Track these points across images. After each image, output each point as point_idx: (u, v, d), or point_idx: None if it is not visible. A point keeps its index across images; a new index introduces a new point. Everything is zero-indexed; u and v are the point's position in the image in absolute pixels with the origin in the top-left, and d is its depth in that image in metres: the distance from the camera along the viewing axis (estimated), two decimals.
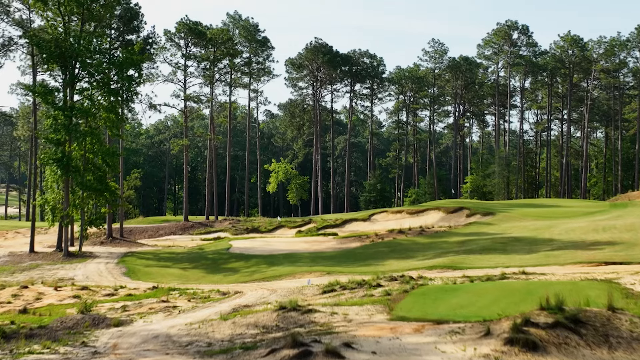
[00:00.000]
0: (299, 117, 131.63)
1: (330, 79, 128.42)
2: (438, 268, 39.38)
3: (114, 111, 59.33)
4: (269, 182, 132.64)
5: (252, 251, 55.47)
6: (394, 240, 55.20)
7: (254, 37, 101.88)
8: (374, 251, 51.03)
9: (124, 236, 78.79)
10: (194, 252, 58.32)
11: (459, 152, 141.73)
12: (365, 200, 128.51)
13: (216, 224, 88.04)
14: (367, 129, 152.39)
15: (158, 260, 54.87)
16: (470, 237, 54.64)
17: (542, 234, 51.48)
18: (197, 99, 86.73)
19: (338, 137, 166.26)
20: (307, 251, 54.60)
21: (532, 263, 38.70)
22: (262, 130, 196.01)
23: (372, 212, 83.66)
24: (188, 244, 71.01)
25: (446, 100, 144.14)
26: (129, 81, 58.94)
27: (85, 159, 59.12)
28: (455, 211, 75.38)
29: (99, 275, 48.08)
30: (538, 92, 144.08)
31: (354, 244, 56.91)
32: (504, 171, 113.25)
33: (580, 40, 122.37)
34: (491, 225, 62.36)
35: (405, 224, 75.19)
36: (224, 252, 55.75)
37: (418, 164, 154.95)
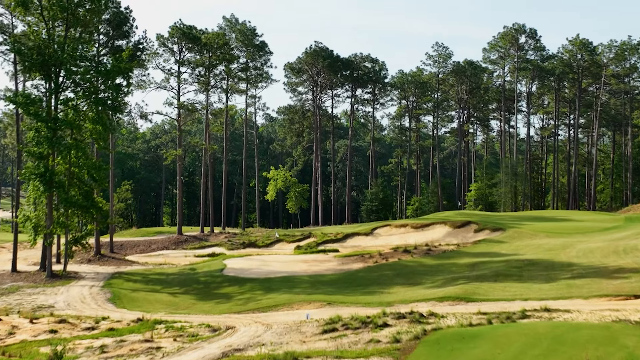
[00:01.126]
0: (298, 124, 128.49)
1: (330, 83, 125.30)
2: (449, 300, 36.26)
3: (101, 122, 56.13)
4: (268, 191, 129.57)
5: (247, 273, 52.30)
6: (400, 262, 52.03)
7: (251, 41, 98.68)
8: (378, 275, 47.88)
9: (114, 251, 75.76)
10: (185, 273, 55.16)
11: (463, 158, 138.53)
12: (367, 210, 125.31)
13: (211, 237, 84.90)
14: (368, 133, 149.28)
15: (146, 283, 51.73)
16: (480, 258, 51.52)
17: (559, 256, 48.34)
18: (192, 107, 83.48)
19: (339, 140, 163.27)
20: (306, 273, 51.47)
21: (553, 295, 35.57)
22: (261, 134, 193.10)
23: (375, 225, 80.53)
24: (180, 261, 67.90)
25: (450, 105, 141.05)
26: (116, 90, 55.80)
27: (70, 174, 56.06)
28: (462, 226, 72.37)
29: (81, 302, 44.97)
30: (544, 96, 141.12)
31: (357, 265, 53.77)
32: (511, 180, 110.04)
33: (590, 44, 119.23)
34: (502, 243, 59.26)
35: (409, 240, 72.23)
36: (217, 274, 52.59)
37: (421, 170, 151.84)
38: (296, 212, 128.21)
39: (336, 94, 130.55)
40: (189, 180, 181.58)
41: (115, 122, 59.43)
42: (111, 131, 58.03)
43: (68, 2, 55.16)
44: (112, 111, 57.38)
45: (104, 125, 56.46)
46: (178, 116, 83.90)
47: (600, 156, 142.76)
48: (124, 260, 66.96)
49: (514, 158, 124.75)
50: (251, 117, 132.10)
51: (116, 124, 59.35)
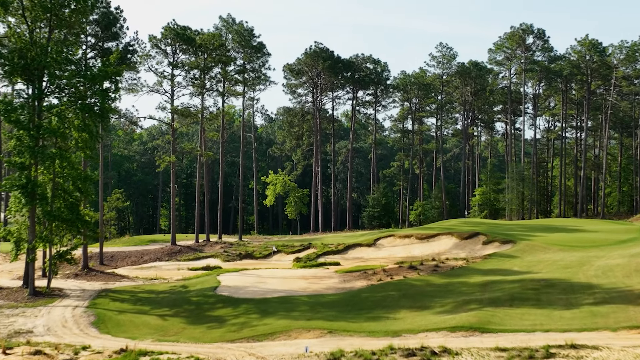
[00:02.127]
0: (297, 127, 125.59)
1: (331, 85, 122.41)
2: (462, 330, 33.28)
3: (87, 130, 53.08)
4: (267, 195, 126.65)
5: (242, 293, 49.27)
6: (405, 281, 48.98)
7: (249, 42, 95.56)
8: (382, 295, 44.85)
9: (104, 263, 72.89)
10: (176, 291, 52.14)
11: (468, 162, 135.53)
12: (369, 216, 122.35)
13: (206, 247, 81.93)
14: (370, 136, 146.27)
15: (134, 303, 48.70)
16: (492, 276, 48.51)
17: (577, 276, 45.34)
18: (186, 112, 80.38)
19: (339, 142, 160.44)
20: (306, 293, 48.43)
21: (577, 325, 32.60)
22: (260, 135, 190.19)
23: (378, 235, 77.55)
24: (173, 274, 64.92)
25: (454, 107, 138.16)
26: (103, 96, 52.74)
27: (54, 185, 53.07)
28: (469, 237, 69.44)
29: (62, 327, 41.95)
30: (551, 98, 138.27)
31: (359, 283, 50.75)
32: (518, 186, 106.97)
33: (599, 45, 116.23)
34: (513, 258, 56.24)
35: (414, 251, 69.39)
36: (210, 293, 49.53)
37: (424, 174, 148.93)
38: (295, 217, 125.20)
39: (337, 95, 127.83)
40: (186, 182, 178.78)
41: (102, 130, 56.18)
42: (98, 139, 54.96)
43: (51, 2, 52.17)
44: (99, 118, 54.24)
45: (91, 133, 53.44)
46: (172, 121, 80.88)
47: (607, 159, 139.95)
48: (112, 274, 63.89)
49: (520, 163, 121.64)
50: (249, 119, 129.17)
51: (104, 132, 56.11)
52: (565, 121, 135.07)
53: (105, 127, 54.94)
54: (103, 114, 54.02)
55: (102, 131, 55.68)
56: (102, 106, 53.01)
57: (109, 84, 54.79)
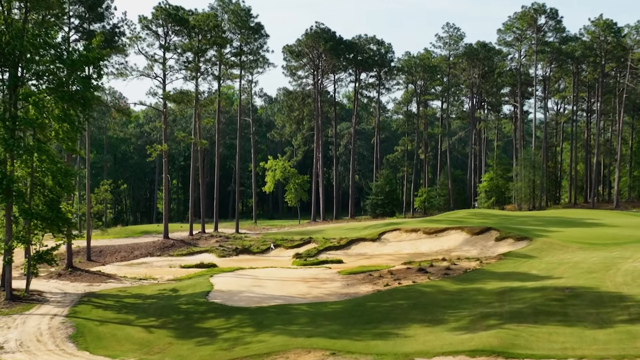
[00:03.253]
0: (298, 111, 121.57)
1: (332, 67, 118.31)
2: (483, 355, 29.47)
3: (68, 120, 49.08)
4: (266, 181, 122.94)
5: (237, 299, 45.46)
6: (415, 287, 45.11)
7: (246, 23, 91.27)
8: (390, 305, 41.02)
9: (91, 259, 69.26)
10: (165, 296, 48.36)
11: (475, 147, 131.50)
12: (372, 204, 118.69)
13: (201, 241, 78.23)
14: (372, 118, 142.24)
15: (119, 310, 44.91)
16: (509, 281, 44.69)
17: (604, 283, 41.52)
18: (179, 97, 76.21)
19: (341, 123, 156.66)
20: (305, 300, 44.64)
21: (615, 351, 28.79)
22: (259, 117, 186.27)
23: (383, 229, 73.81)
24: (164, 272, 61.37)
25: (461, 90, 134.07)
26: (84, 84, 48.66)
27: (32, 181, 49.20)
28: (481, 232, 65.75)
29: (36, 341, 38.21)
30: (561, 81, 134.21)
31: (364, 288, 46.93)
32: (529, 173, 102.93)
33: (614, 25, 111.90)
34: (530, 259, 52.40)
35: (421, 247, 65.78)
36: (201, 299, 45.72)
37: (429, 159, 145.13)
38: (296, 205, 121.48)
39: (339, 78, 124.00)
40: (184, 164, 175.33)
41: (85, 120, 52.09)
42: (80, 130, 50.90)
43: None
44: (81, 107, 50.19)
45: (72, 124, 49.41)
46: (164, 107, 76.86)
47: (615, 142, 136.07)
48: (99, 274, 60.11)
49: (531, 148, 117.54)
50: (247, 103, 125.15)
51: (86, 121, 52.08)
52: (576, 104, 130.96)
53: (87, 116, 50.68)
54: (85, 103, 49.94)
55: (84, 121, 51.54)
56: (83, 94, 48.97)
57: (92, 70, 50.74)
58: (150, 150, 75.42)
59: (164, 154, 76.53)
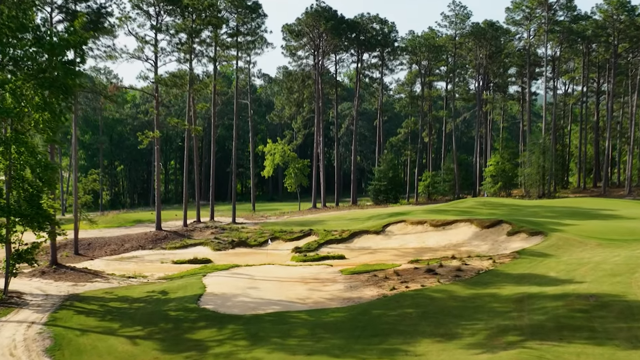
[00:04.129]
0: (297, 93, 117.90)
1: (334, 47, 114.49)
2: None
3: (49, 109, 45.64)
4: (265, 166, 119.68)
5: (230, 305, 42.21)
6: (424, 292, 41.79)
7: (243, 2, 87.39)
8: (398, 314, 37.77)
9: (79, 253, 66.06)
10: (153, 300, 45.12)
11: (481, 130, 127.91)
12: (375, 190, 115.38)
13: (195, 232, 74.99)
14: (375, 100, 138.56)
15: (102, 317, 41.65)
16: (527, 286, 41.44)
17: (631, 289, 38.20)
18: (172, 81, 72.53)
19: (342, 103, 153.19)
20: (305, 306, 41.39)
21: None
22: (258, 97, 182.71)
23: (387, 221, 70.56)
24: (155, 269, 58.25)
25: (467, 71, 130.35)
26: (66, 70, 45.11)
27: (9, 174, 45.85)
28: (491, 226, 62.49)
29: (10, 355, 35.04)
30: (571, 61, 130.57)
31: (369, 292, 43.66)
32: (539, 159, 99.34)
33: (628, 4, 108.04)
34: (547, 258, 49.07)
35: (428, 241, 62.57)
36: (192, 305, 42.46)
37: (433, 143, 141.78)
38: (296, 190, 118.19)
39: (340, 58, 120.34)
40: (182, 145, 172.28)
41: (67, 108, 48.55)
42: (61, 120, 47.37)
43: None
44: (62, 95, 46.67)
45: (53, 113, 45.98)
46: (155, 92, 73.27)
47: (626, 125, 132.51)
48: (85, 272, 56.84)
49: (540, 132, 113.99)
50: (245, 85, 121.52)
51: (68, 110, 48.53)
52: (586, 85, 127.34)
53: (70, 104, 47.13)
54: (67, 90, 46.42)
55: (66, 110, 48.00)
56: (64, 81, 45.45)
57: (74, 55, 47.26)
58: (142, 137, 71.83)
59: (156, 141, 73.04)
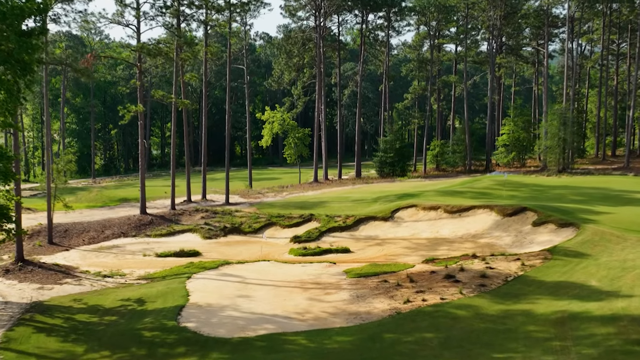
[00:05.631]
0: (298, 57, 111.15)
1: (336, 8, 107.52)
2: None
3: (5, 87, 39.50)
4: (262, 135, 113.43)
5: (216, 322, 36.28)
6: (444, 309, 35.76)
7: None
8: (414, 341, 31.88)
9: (53, 241, 60.25)
10: (128, 310, 39.28)
11: (494, 97, 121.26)
12: (380, 162, 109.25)
13: (184, 217, 69.05)
14: (380, 62, 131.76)
15: (66, 336, 35.81)
16: (566, 300, 35.47)
17: None
18: (156, 49, 65.79)
19: (344, 64, 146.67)
20: (304, 323, 35.45)
21: None
22: (257, 57, 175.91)
23: (396, 205, 64.57)
24: (136, 265, 52.55)
25: (479, 33, 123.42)
26: (21, 43, 38.73)
27: None
28: (514, 214, 56.52)
29: None
30: (590, 22, 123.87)
31: (378, 304, 37.74)
32: (559, 131, 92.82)
33: None
34: (584, 259, 42.94)
35: (443, 230, 56.76)
36: (171, 322, 36.52)
37: (442, 110, 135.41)
38: (296, 162, 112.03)
39: (343, 20, 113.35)
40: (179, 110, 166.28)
41: (25, 86, 42.23)
42: (19, 101, 41.11)
43: None
44: (20, 71, 40.39)
45: (9, 92, 39.85)
46: (138, 61, 66.74)
47: None
48: (55, 269, 50.80)
49: (561, 103, 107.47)
50: (241, 49, 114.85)
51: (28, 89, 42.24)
52: (606, 48, 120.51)
53: (29, 82, 40.83)
54: (25, 67, 40.13)
55: (25, 88, 41.72)
56: (20, 56, 39.16)
57: (33, 25, 40.89)
58: (123, 112, 65.35)
59: (140, 116, 66.71)
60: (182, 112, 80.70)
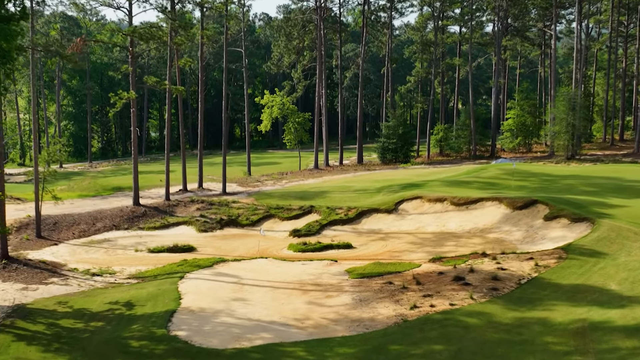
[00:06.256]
0: (297, 39, 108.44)
1: None
2: None
3: None
4: (261, 119, 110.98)
5: (209, 329, 34.00)
6: (454, 317, 33.40)
7: None
8: (423, 354, 29.48)
9: (41, 235, 58.01)
10: (115, 315, 36.99)
11: (500, 81, 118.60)
12: (383, 148, 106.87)
13: (179, 208, 66.70)
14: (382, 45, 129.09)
15: (48, 345, 33.50)
16: (585, 305, 33.12)
17: None
18: (148, 33, 63.01)
19: (345, 44, 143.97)
20: (303, 332, 33.18)
21: None
22: (257, 38, 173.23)
23: (400, 197, 62.18)
24: (127, 261, 50.33)
25: (485, 15, 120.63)
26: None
27: None
28: (524, 207, 54.21)
29: None
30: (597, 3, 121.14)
31: (383, 309, 35.40)
32: (568, 116, 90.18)
33: None
34: (601, 258, 40.45)
35: (449, 224, 54.51)
36: (160, 330, 34.21)
37: (446, 93, 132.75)
38: (295, 146, 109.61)
39: (345, 0, 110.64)
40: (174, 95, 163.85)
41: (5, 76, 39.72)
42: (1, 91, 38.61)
43: None
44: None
45: None
46: (130, 45, 64.14)
47: None
48: (41, 267, 48.44)
49: (570, 88, 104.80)
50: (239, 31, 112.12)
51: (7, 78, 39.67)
52: (616, 30, 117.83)
53: (9, 72, 38.35)
54: (4, 54, 37.63)
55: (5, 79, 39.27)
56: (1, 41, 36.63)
57: (12, 7, 38.40)
58: (115, 99, 62.78)
59: (132, 103, 64.22)
60: (178, 97, 78.12)
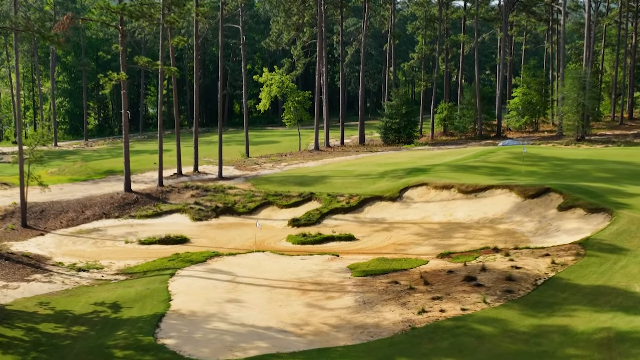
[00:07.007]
0: (297, 15, 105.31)
1: None
2: None
3: None
4: (260, 98, 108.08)
5: (200, 336, 31.38)
6: (466, 323, 30.75)
7: None
8: None
9: (27, 225, 55.57)
10: (100, 318, 34.45)
11: (507, 58, 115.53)
12: (385, 128, 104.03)
13: (172, 195, 64.08)
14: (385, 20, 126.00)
15: (25, 354, 30.87)
16: (609, 312, 30.50)
17: None
18: (138, 10, 59.85)
19: (347, 19, 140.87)
20: (302, 339, 30.51)
21: None
22: (256, 12, 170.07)
23: (405, 184, 59.47)
24: (116, 255, 47.85)
25: None
26: None
27: None
28: (536, 195, 51.69)
29: None
30: None
31: (389, 313, 32.85)
32: (578, 96, 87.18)
33: None
34: (622, 255, 37.69)
35: (457, 213, 52.01)
36: (147, 337, 31.61)
37: (451, 71, 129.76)
38: (295, 125, 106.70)
39: None
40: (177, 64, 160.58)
41: None
42: None
43: None
44: None
45: None
46: (120, 24, 61.15)
47: None
48: (24, 261, 45.82)
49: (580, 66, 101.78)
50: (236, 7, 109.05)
51: None
52: (627, 5, 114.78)
53: None
54: None
55: None
56: None
57: None
58: (104, 80, 59.84)
59: (122, 85, 61.38)
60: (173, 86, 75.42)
